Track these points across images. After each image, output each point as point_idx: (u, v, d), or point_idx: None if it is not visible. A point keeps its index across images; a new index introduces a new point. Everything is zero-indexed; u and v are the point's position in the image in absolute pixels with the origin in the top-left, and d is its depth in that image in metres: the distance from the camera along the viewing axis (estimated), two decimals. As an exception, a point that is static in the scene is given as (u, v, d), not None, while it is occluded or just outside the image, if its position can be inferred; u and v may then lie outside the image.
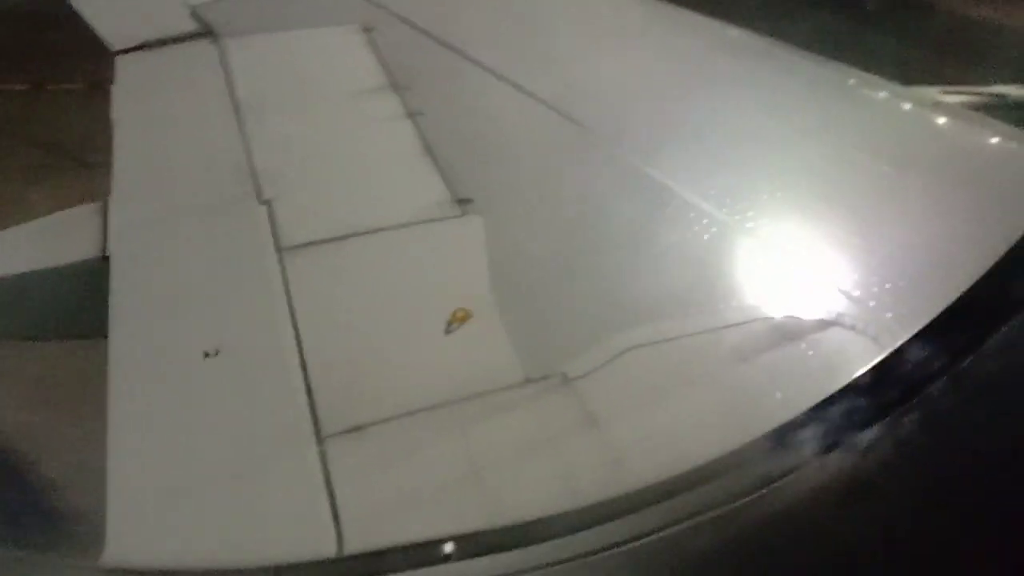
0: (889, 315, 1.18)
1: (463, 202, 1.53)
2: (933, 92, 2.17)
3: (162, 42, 2.25)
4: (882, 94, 2.08)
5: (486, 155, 1.75)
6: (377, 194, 1.60)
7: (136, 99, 1.98)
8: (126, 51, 2.23)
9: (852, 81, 2.10)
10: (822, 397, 0.90)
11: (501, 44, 2.31)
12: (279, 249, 1.40)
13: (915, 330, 1.00)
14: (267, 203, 1.51)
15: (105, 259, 1.43)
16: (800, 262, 1.36)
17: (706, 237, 1.43)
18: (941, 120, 1.90)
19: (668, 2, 2.57)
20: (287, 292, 1.31)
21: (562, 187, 1.65)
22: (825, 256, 1.37)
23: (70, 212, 1.60)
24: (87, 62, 2.59)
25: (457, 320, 1.26)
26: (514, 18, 2.59)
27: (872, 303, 1.20)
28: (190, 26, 2.31)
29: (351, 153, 1.76)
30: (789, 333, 1.17)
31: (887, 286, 1.24)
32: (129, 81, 2.07)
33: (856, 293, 1.23)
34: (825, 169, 1.67)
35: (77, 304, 1.47)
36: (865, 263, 1.33)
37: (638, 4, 2.68)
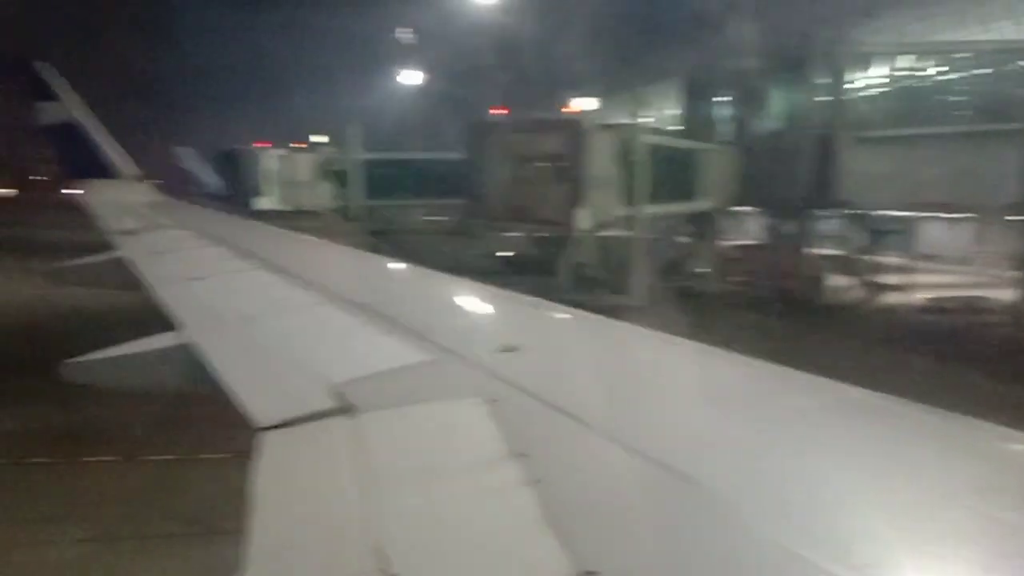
0: None
1: None
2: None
3: (303, 419, 2.43)
4: (994, 439, 2.05)
5: (607, 522, 1.74)
6: (500, 570, 1.59)
7: (276, 474, 2.11)
8: (269, 428, 2.41)
9: (960, 427, 2.09)
10: None
11: (616, 409, 2.40)
12: None
13: None
14: None
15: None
16: None
17: None
18: None
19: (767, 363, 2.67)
20: None
21: (686, 554, 1.60)
22: None
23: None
24: (232, 435, 2.81)
25: None
26: (628, 384, 2.72)
27: None
28: (329, 404, 2.51)
29: (474, 525, 1.79)
30: None
31: None
32: (270, 456, 2.22)
33: None
34: (952, 523, 1.60)
35: None
36: None
37: (744, 364, 2.79)
